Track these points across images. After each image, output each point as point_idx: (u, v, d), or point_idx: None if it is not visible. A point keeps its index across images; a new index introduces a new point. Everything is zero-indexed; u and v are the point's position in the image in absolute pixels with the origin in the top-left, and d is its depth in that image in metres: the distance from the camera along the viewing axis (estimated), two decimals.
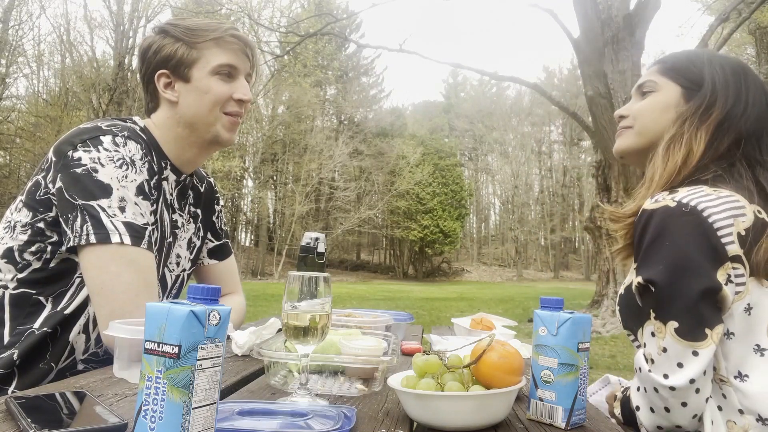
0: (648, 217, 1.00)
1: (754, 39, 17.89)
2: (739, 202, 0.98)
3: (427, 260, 38.70)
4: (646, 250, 0.99)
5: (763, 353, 0.95)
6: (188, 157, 1.41)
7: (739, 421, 0.96)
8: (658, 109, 1.18)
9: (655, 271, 0.96)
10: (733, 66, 1.17)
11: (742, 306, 0.96)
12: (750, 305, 0.96)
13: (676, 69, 1.20)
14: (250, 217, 36.11)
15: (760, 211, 0.99)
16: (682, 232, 0.95)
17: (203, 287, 0.60)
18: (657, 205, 1.00)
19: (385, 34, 65.63)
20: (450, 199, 36.62)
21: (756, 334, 0.96)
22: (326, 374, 1.04)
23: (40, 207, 1.21)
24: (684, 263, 0.94)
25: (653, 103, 1.19)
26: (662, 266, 0.96)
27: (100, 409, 0.73)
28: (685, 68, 1.19)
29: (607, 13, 7.35)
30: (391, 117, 39.12)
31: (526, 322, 8.40)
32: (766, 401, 0.93)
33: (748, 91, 1.13)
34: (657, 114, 1.18)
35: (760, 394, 0.94)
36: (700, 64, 1.18)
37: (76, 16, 44.91)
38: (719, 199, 0.98)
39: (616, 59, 7.19)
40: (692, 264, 0.94)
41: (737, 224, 0.96)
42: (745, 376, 0.96)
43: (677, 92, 1.18)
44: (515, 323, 1.67)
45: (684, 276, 0.94)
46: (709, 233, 0.95)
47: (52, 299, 1.22)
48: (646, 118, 1.19)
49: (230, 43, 1.35)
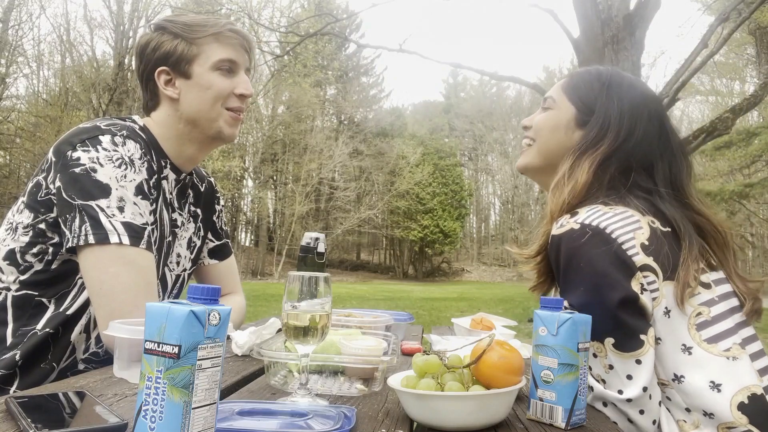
0: (557, 243, 1.05)
1: (754, 39, 17.86)
2: (633, 216, 1.04)
3: (427, 260, 38.68)
4: (564, 276, 1.04)
5: (690, 351, 0.99)
6: (189, 154, 1.41)
7: (688, 419, 0.99)
8: (550, 127, 1.22)
9: (577, 294, 1.01)
10: (631, 98, 1.18)
11: (660, 310, 1.00)
12: (668, 308, 1.00)
13: (575, 89, 1.23)
14: (250, 217, 36.09)
15: (653, 221, 1.05)
16: (590, 251, 1.00)
17: (203, 287, 0.60)
18: (563, 230, 1.04)
19: (385, 34, 65.61)
20: (450, 199, 36.61)
21: (680, 334, 1.00)
22: (326, 374, 1.04)
23: (42, 208, 1.21)
24: (600, 280, 0.99)
25: (548, 119, 1.23)
26: (582, 287, 1.01)
27: (100, 409, 0.73)
28: (583, 91, 1.21)
29: (607, 13, 7.35)
30: (391, 117, 39.09)
31: (526, 322, 8.39)
32: (705, 396, 0.97)
33: (640, 125, 1.16)
34: (550, 132, 1.22)
35: (698, 391, 0.97)
36: (598, 90, 1.19)
37: (76, 16, 44.89)
38: (616, 216, 1.03)
39: (616, 59, 7.19)
40: (607, 279, 0.99)
41: (637, 236, 1.01)
42: (681, 377, 0.99)
43: (571, 113, 1.21)
44: (515, 323, 1.67)
45: (601, 291, 0.99)
46: (616, 248, 0.99)
47: (54, 300, 1.22)
48: (543, 135, 1.23)
49: (229, 38, 1.35)
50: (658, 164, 1.15)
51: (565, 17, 9.35)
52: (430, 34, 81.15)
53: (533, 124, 1.26)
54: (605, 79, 1.21)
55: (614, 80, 1.21)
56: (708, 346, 0.99)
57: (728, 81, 28.05)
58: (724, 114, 8.04)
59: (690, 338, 0.99)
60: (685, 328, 1.00)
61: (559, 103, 1.23)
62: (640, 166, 1.14)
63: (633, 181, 1.12)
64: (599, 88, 1.19)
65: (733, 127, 8.34)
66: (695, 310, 1.00)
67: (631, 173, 1.12)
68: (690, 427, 0.98)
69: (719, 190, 15.07)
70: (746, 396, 0.96)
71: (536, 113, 1.28)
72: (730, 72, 25.66)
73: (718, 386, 0.96)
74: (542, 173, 1.26)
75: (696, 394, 0.97)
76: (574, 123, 1.20)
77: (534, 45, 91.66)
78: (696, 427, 0.98)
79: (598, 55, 7.37)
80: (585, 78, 1.24)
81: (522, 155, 1.29)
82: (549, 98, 1.25)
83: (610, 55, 7.23)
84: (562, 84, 1.26)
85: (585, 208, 1.06)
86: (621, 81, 1.21)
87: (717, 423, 0.96)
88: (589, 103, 1.19)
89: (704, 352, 0.98)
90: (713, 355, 0.98)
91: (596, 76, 1.23)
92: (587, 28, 7.60)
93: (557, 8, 9.24)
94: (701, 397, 0.97)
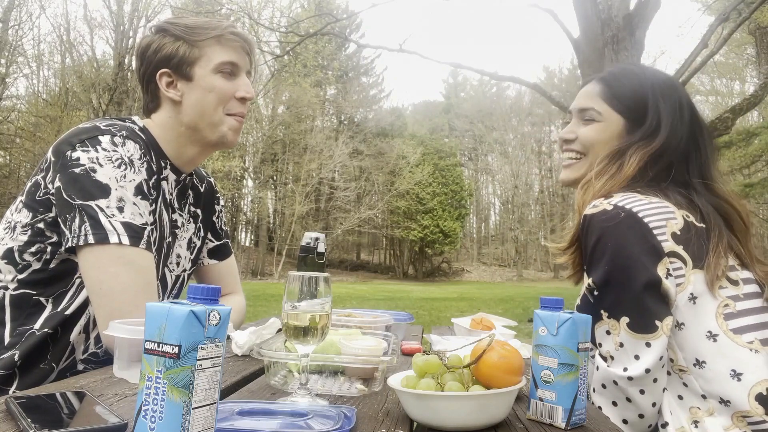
0: (589, 222, 1.07)
1: (754, 39, 17.85)
2: (668, 207, 1.07)
3: (427, 260, 38.68)
4: (592, 253, 1.07)
5: (716, 338, 1.01)
6: (189, 156, 1.41)
7: (702, 405, 1.01)
8: (604, 140, 1.23)
9: (602, 272, 1.04)
10: (672, 97, 1.21)
11: (685, 296, 1.03)
12: (694, 294, 1.03)
13: (620, 99, 1.23)
14: (250, 217, 36.10)
15: (688, 215, 1.08)
16: (621, 232, 1.03)
17: (203, 287, 0.60)
18: (595, 210, 1.07)
19: (385, 34, 65.59)
20: (450, 199, 36.61)
21: (705, 321, 1.02)
22: (326, 374, 1.04)
23: (40, 207, 1.21)
24: (626, 261, 1.02)
25: (599, 133, 1.24)
26: (608, 266, 1.03)
27: (100, 409, 0.73)
28: (629, 99, 1.22)
29: (607, 13, 7.34)
30: (391, 117, 39.09)
31: (526, 322, 8.39)
32: (724, 384, 1.00)
33: (683, 122, 1.19)
34: (604, 145, 1.23)
35: (718, 378, 1.00)
36: (644, 95, 1.21)
37: (76, 16, 44.92)
38: (651, 204, 1.06)
39: (616, 59, 7.18)
40: (633, 261, 1.02)
41: (670, 225, 1.04)
42: (703, 362, 1.02)
43: (621, 124, 1.23)
44: (515, 323, 1.67)
45: (627, 272, 1.02)
46: (646, 232, 1.02)
47: (52, 300, 1.22)
48: (597, 149, 1.24)
49: (231, 41, 1.35)
50: (693, 155, 1.18)
51: (565, 17, 9.35)
52: (430, 34, 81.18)
53: (578, 138, 1.27)
54: (645, 81, 1.23)
55: (654, 79, 1.23)
56: (734, 336, 1.01)
57: (728, 81, 28.06)
58: (724, 114, 8.04)
59: (717, 326, 1.02)
60: (713, 315, 1.02)
61: (606, 115, 1.24)
62: (681, 159, 1.17)
63: (673, 175, 1.15)
64: (644, 93, 1.21)
65: (733, 127, 8.34)
66: (723, 301, 1.03)
67: (672, 168, 1.15)
68: (704, 414, 1.00)
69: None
70: (765, 388, 0.98)
71: (574, 125, 1.29)
72: (730, 72, 25.67)
73: (739, 375, 0.99)
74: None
75: (716, 380, 1.00)
76: (625, 131, 1.22)
77: (534, 45, 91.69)
78: (710, 414, 1.00)
79: (598, 55, 7.37)
80: (625, 86, 1.24)
81: (569, 169, 1.29)
82: (591, 110, 1.25)
83: (610, 55, 7.23)
84: (599, 94, 1.25)
85: (620, 194, 1.09)
86: (658, 82, 1.23)
87: (732, 411, 0.99)
88: (638, 110, 1.21)
89: (729, 341, 1.01)
90: (738, 345, 1.01)
91: (636, 80, 1.24)
92: (587, 28, 7.60)
93: (557, 8, 9.24)
94: (720, 384, 0.99)
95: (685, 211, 1.08)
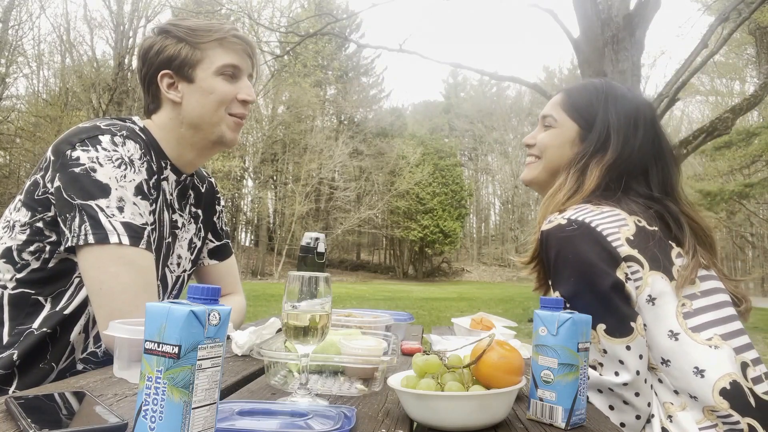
0: (546, 237, 1.12)
1: (754, 39, 17.84)
2: (620, 215, 1.11)
3: (427, 260, 38.67)
4: (554, 267, 1.11)
5: (677, 338, 1.05)
6: (189, 157, 1.41)
7: (675, 401, 1.05)
8: (557, 144, 1.31)
9: (568, 284, 1.08)
10: (627, 109, 1.26)
11: (644, 298, 1.07)
12: (652, 296, 1.06)
13: (575, 107, 1.31)
14: (250, 217, 36.09)
15: (639, 220, 1.12)
16: (577, 243, 1.08)
17: (203, 287, 0.60)
18: (551, 225, 1.12)
19: (385, 34, 65.58)
20: (450, 199, 36.60)
21: (666, 321, 1.06)
22: (326, 374, 1.04)
23: (39, 206, 1.20)
24: (588, 268, 1.06)
25: (553, 137, 1.32)
26: (573, 278, 1.07)
27: (100, 409, 0.73)
28: (583, 108, 1.30)
29: (607, 13, 7.34)
30: (391, 117, 39.08)
31: (526, 322, 8.40)
32: (690, 380, 1.03)
33: (637, 134, 1.24)
34: (557, 149, 1.31)
35: (684, 376, 1.04)
36: (596, 105, 1.28)
37: (76, 16, 44.77)
38: (602, 213, 1.11)
39: (616, 59, 7.18)
40: (594, 267, 1.06)
41: (623, 231, 1.09)
42: (668, 361, 1.06)
43: (574, 130, 1.30)
44: (515, 323, 1.67)
45: (591, 279, 1.06)
46: (601, 240, 1.07)
47: (51, 299, 1.22)
48: (550, 153, 1.32)
49: (233, 44, 1.35)
50: (653, 169, 1.24)
51: (565, 17, 9.34)
52: (430, 35, 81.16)
53: (537, 143, 1.35)
54: (601, 93, 1.30)
55: (610, 93, 1.29)
56: (693, 334, 1.05)
57: (728, 81, 28.05)
58: (724, 114, 8.04)
59: (678, 325, 1.06)
60: (673, 315, 1.06)
61: (561, 121, 1.31)
62: (637, 172, 1.23)
63: (627, 185, 1.20)
64: (597, 104, 1.28)
65: (733, 127, 8.34)
66: (681, 301, 1.07)
67: (624, 179, 1.21)
68: (677, 409, 1.05)
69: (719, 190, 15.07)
70: (728, 382, 1.02)
71: (537, 131, 1.37)
72: (730, 72, 25.66)
73: (701, 372, 1.03)
74: (547, 185, 1.34)
75: (682, 378, 1.04)
76: (578, 138, 1.29)
77: (534, 45, 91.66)
78: (683, 409, 1.04)
79: (598, 55, 7.37)
80: (582, 95, 1.32)
81: (528, 169, 1.38)
82: (549, 117, 1.33)
83: (610, 55, 7.23)
84: (560, 102, 1.34)
85: (572, 207, 1.14)
86: (616, 93, 1.29)
87: (701, 406, 1.02)
88: (590, 118, 1.28)
89: (690, 339, 1.05)
90: (697, 342, 1.04)
91: (593, 92, 1.31)
92: (587, 28, 7.59)
93: (557, 8, 9.24)
94: (686, 381, 1.03)
95: (637, 216, 1.12)
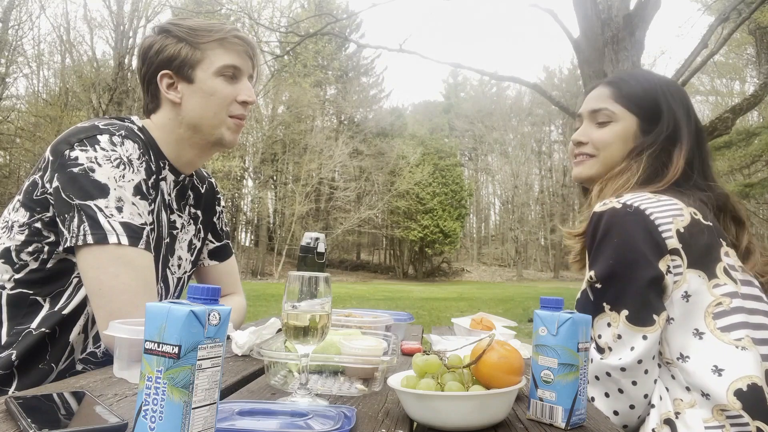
0: (598, 218, 1.11)
1: (754, 39, 17.84)
2: (677, 205, 1.11)
3: (427, 260, 38.67)
4: (597, 247, 1.10)
5: (701, 336, 1.05)
6: (188, 158, 1.41)
7: (686, 398, 1.05)
8: (619, 141, 1.27)
9: (606, 266, 1.08)
10: (681, 98, 1.25)
11: (680, 293, 1.07)
12: (688, 293, 1.07)
13: (632, 99, 1.26)
14: (250, 217, 36.09)
15: (696, 212, 1.11)
16: (627, 228, 1.07)
17: (203, 287, 0.60)
18: (605, 207, 1.11)
19: (385, 34, 65.64)
20: (450, 199, 36.60)
21: (694, 319, 1.06)
22: (326, 374, 1.04)
23: (38, 207, 1.20)
24: (631, 256, 1.06)
25: (614, 134, 1.27)
26: (612, 261, 1.07)
27: (100, 409, 0.73)
28: (641, 99, 1.26)
29: (607, 13, 7.34)
30: (391, 117, 39.08)
31: (526, 322, 8.39)
32: (706, 378, 1.03)
33: (690, 123, 1.24)
34: (619, 145, 1.27)
35: (700, 372, 1.04)
36: (655, 95, 1.25)
37: (76, 16, 44.88)
38: (659, 202, 1.10)
39: (616, 59, 7.18)
40: (638, 256, 1.05)
41: (676, 222, 1.08)
42: (687, 357, 1.06)
43: (635, 124, 1.26)
44: (515, 323, 1.67)
45: (633, 267, 1.06)
46: (651, 229, 1.06)
47: (49, 299, 1.22)
48: (611, 150, 1.27)
49: (234, 44, 1.34)
50: (696, 156, 1.23)
51: (565, 17, 9.34)
52: (431, 34, 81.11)
53: (591, 140, 1.30)
54: (654, 82, 1.27)
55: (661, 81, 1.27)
56: (720, 334, 1.05)
57: (728, 81, 28.05)
58: (724, 114, 8.03)
59: (704, 324, 1.06)
60: (702, 315, 1.06)
61: (620, 115, 1.26)
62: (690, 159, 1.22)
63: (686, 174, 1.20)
64: (655, 94, 1.25)
65: (733, 127, 8.33)
66: (716, 300, 1.06)
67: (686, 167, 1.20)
68: (686, 406, 1.04)
69: None
70: (746, 384, 1.01)
71: (586, 128, 1.31)
72: (730, 72, 25.65)
73: (720, 370, 1.02)
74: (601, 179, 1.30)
75: (697, 374, 1.04)
76: (640, 131, 1.25)
77: (534, 45, 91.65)
78: (691, 406, 1.04)
79: (598, 55, 7.37)
80: (635, 87, 1.28)
81: (582, 167, 1.32)
82: (604, 111, 1.28)
83: (610, 55, 7.23)
84: (611, 95, 1.28)
85: (630, 194, 1.13)
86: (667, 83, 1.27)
87: (712, 404, 1.02)
88: (652, 109, 1.25)
89: (715, 339, 1.04)
90: (724, 342, 1.04)
91: (646, 81, 1.28)
92: (587, 28, 7.59)
93: (557, 8, 9.24)
94: (701, 378, 1.03)
95: (694, 208, 1.11)
